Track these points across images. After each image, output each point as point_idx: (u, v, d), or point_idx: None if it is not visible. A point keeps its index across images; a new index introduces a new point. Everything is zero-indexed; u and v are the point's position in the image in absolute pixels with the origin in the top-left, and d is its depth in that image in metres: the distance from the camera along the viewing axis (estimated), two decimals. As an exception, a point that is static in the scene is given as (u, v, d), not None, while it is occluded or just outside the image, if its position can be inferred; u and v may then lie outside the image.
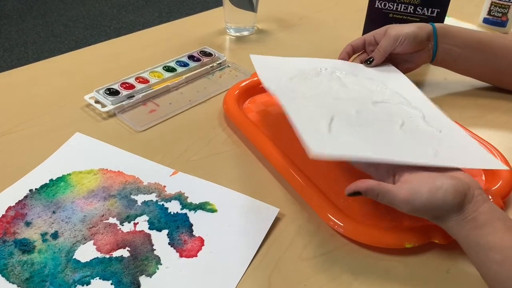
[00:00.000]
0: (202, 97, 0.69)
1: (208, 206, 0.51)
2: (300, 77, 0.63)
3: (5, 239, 0.46)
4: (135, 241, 0.47)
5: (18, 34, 2.46)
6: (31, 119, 0.64)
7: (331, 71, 0.66)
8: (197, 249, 0.46)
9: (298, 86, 0.60)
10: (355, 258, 0.47)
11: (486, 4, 0.93)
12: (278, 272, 0.45)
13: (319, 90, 0.60)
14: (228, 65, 0.78)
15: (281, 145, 0.60)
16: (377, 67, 0.69)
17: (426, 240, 0.47)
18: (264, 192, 0.53)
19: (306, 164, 0.57)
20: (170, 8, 2.81)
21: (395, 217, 0.50)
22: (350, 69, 0.67)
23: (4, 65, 2.19)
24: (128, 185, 0.53)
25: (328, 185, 0.53)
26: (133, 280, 0.43)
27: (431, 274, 0.45)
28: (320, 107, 0.55)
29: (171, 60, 0.75)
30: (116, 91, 0.66)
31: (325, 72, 0.65)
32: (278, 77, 0.61)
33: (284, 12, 0.99)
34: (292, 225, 0.50)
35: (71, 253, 0.45)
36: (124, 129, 0.63)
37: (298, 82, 0.61)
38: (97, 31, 2.53)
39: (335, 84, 0.62)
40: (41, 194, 0.51)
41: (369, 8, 0.81)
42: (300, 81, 0.62)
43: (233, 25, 0.88)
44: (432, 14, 0.78)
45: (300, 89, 0.60)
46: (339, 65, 0.68)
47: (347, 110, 0.55)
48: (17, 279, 0.43)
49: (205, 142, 0.61)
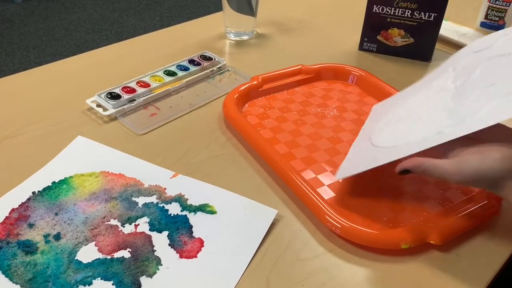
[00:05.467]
0: (202, 101, 0.70)
1: (208, 208, 0.52)
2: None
3: (9, 240, 0.47)
4: (136, 242, 0.48)
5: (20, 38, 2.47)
6: (33, 123, 0.64)
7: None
8: (197, 250, 0.47)
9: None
10: (352, 258, 0.47)
11: (483, 8, 0.93)
12: (276, 273, 0.46)
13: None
14: (228, 69, 0.79)
15: (280, 148, 0.61)
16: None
17: (422, 241, 0.47)
18: (263, 194, 0.54)
19: (304, 167, 0.58)
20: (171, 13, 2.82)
21: (391, 218, 0.51)
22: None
23: (6, 69, 2.20)
24: (129, 188, 0.54)
25: (325, 187, 0.54)
26: (134, 281, 0.44)
27: (427, 275, 0.46)
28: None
29: (172, 64, 0.76)
30: (117, 95, 0.67)
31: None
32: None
33: (283, 17, 1.00)
34: (290, 227, 0.50)
35: (73, 254, 0.46)
36: (125, 132, 0.63)
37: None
38: (98, 35, 2.55)
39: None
40: (44, 197, 0.52)
41: (367, 12, 0.82)
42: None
43: (233, 29, 0.89)
44: (429, 18, 0.78)
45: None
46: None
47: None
48: (20, 280, 0.43)
49: (205, 145, 0.62)
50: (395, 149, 0.50)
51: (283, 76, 0.73)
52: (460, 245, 0.49)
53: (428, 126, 0.49)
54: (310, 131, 0.64)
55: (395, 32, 0.82)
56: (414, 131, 0.50)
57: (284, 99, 0.71)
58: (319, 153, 0.60)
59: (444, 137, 0.45)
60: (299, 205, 0.53)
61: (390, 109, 0.60)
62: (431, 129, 0.48)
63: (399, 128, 0.54)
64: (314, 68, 0.75)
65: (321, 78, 0.75)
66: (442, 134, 0.46)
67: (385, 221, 0.51)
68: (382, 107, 0.64)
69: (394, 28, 0.82)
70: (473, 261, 0.47)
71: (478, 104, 0.46)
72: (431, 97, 0.54)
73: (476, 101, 0.47)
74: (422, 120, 0.51)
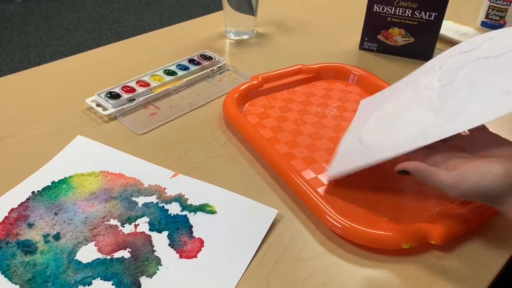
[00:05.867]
0: (202, 100, 0.70)
1: (208, 208, 0.52)
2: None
3: (8, 240, 0.47)
4: (135, 242, 0.48)
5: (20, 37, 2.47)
6: (33, 122, 0.64)
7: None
8: (197, 250, 0.47)
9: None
10: (352, 258, 0.47)
11: (484, 8, 0.93)
12: (276, 273, 0.45)
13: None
14: (228, 68, 0.78)
15: (280, 148, 0.60)
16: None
17: (423, 241, 0.47)
18: (263, 194, 0.54)
19: (304, 167, 0.57)
20: (171, 12, 2.82)
21: (392, 218, 0.51)
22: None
23: (6, 68, 2.20)
24: (129, 187, 0.54)
25: (325, 187, 0.54)
26: (133, 281, 0.44)
27: (427, 275, 0.46)
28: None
29: (172, 64, 0.76)
30: (117, 95, 0.67)
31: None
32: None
33: (283, 16, 1.00)
34: (290, 226, 0.50)
35: (72, 254, 0.46)
36: (125, 132, 0.63)
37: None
38: (98, 34, 2.55)
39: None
40: (43, 196, 0.52)
41: (367, 11, 0.82)
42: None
43: (233, 29, 0.89)
44: (430, 18, 0.78)
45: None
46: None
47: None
48: (19, 280, 0.43)
49: (205, 145, 0.61)
50: (383, 149, 0.50)
51: (283, 75, 0.73)
52: (461, 245, 0.49)
53: (415, 126, 0.49)
54: (311, 131, 0.64)
55: (396, 31, 0.82)
56: (402, 130, 0.51)
57: (284, 98, 0.71)
58: (319, 152, 0.60)
59: (432, 137, 0.45)
60: (300, 205, 0.53)
61: (378, 106, 0.60)
62: (418, 128, 0.48)
63: (387, 126, 0.54)
64: (315, 67, 0.75)
65: (321, 77, 0.75)
66: (429, 134, 0.46)
67: (385, 221, 0.50)
68: (370, 102, 0.64)
69: (394, 27, 0.82)
70: (474, 261, 0.47)
71: (464, 104, 0.46)
72: (418, 95, 0.54)
73: (461, 102, 0.47)
74: (409, 119, 0.51)
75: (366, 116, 0.60)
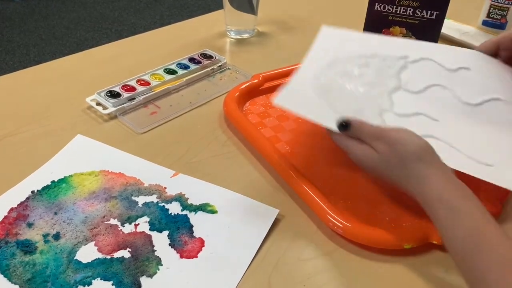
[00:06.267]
0: (203, 99, 0.70)
1: (209, 207, 0.51)
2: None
3: (8, 240, 0.47)
4: (136, 242, 0.47)
5: (20, 36, 2.47)
6: (33, 121, 0.64)
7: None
8: (198, 250, 0.47)
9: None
10: (354, 258, 0.47)
11: (485, 7, 0.93)
12: (277, 273, 0.45)
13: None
14: (228, 67, 0.78)
15: (281, 147, 0.60)
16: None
17: (425, 241, 0.47)
18: (264, 193, 0.54)
19: (305, 166, 0.57)
20: (171, 11, 2.82)
21: (393, 218, 0.50)
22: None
23: (6, 67, 2.20)
24: (129, 187, 0.54)
25: (327, 187, 0.54)
26: (134, 281, 0.43)
27: (429, 275, 0.46)
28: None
29: (172, 63, 0.76)
30: (117, 94, 0.67)
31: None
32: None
33: (284, 15, 0.99)
34: (291, 226, 0.50)
35: (72, 254, 0.46)
36: (125, 131, 0.63)
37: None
38: (98, 33, 2.54)
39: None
40: (43, 196, 0.52)
41: (368, 10, 0.82)
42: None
43: (233, 27, 0.88)
44: (431, 17, 0.78)
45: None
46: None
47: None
48: (19, 280, 0.43)
49: (205, 144, 0.61)
50: (330, 115, 0.50)
51: (284, 74, 0.73)
52: (463, 245, 0.48)
53: (371, 109, 0.52)
54: (311, 130, 0.63)
55: (397, 30, 0.82)
56: (357, 103, 0.52)
57: (285, 97, 0.70)
58: (320, 151, 0.60)
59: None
60: (301, 205, 0.52)
61: (345, 59, 0.59)
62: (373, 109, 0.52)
63: (344, 91, 0.54)
64: (315, 66, 0.75)
65: (322, 76, 0.75)
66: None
67: (387, 220, 0.50)
68: (338, 40, 0.64)
69: (395, 26, 0.82)
70: (476, 261, 0.47)
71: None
72: (379, 76, 0.56)
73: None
74: (365, 98, 0.53)
75: (328, 61, 0.59)
